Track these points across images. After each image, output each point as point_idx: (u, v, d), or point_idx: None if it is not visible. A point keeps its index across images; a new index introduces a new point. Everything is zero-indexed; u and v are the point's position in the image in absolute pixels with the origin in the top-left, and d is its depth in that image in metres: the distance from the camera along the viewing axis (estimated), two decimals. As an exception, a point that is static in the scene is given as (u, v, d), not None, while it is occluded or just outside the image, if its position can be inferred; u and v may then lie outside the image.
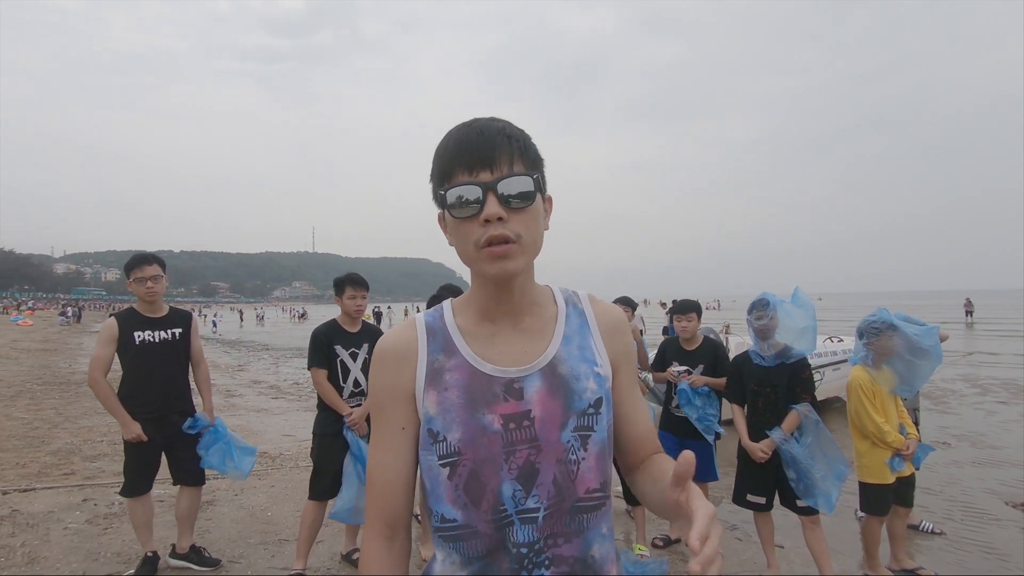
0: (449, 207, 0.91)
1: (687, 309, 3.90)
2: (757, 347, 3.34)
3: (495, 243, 0.88)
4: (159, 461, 3.35)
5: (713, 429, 3.76)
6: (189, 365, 3.49)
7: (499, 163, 0.89)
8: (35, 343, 21.96)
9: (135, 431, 3.16)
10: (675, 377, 3.85)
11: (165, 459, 3.38)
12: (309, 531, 3.34)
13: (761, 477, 3.28)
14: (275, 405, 9.56)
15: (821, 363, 8.01)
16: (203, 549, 3.52)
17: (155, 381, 3.29)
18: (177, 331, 3.40)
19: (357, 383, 3.42)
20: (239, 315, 55.27)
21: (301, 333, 29.66)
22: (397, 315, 46.00)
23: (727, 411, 3.64)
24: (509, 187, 0.89)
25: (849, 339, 8.99)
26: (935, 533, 4.12)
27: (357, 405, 3.39)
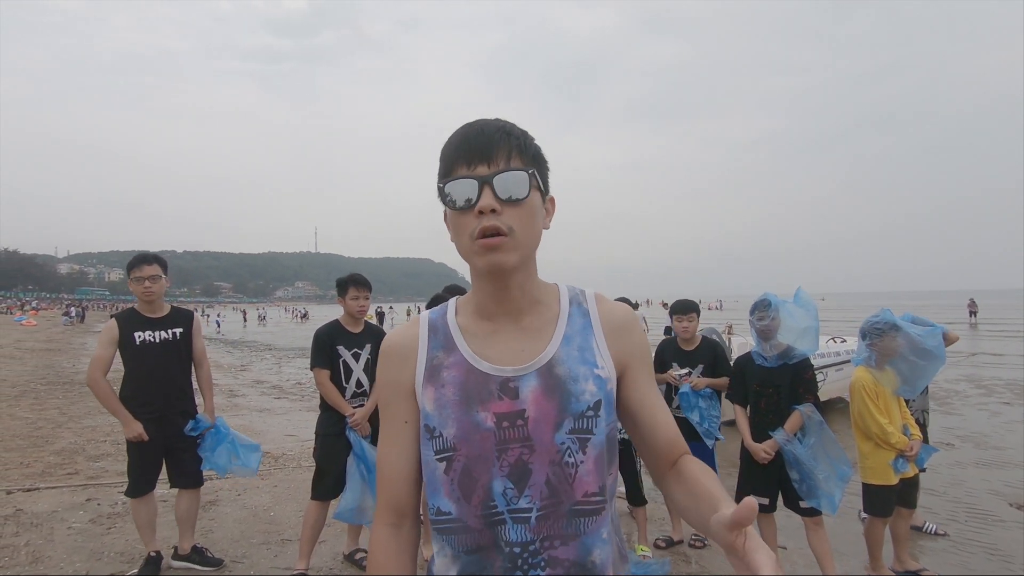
0: (447, 200, 0.93)
1: (687, 309, 3.87)
2: (759, 348, 3.33)
3: (488, 234, 0.90)
4: (161, 462, 3.35)
5: (715, 434, 3.74)
6: (191, 365, 3.50)
7: (496, 158, 0.91)
8: (39, 343, 22.05)
9: (136, 430, 3.17)
10: (676, 380, 3.83)
11: (166, 459, 3.38)
12: (312, 531, 3.35)
13: (764, 478, 3.27)
14: (278, 405, 9.58)
15: (824, 363, 7.99)
16: (205, 549, 3.53)
17: (156, 381, 3.30)
18: (178, 331, 3.39)
19: (359, 383, 3.43)
20: (242, 315, 55.41)
21: (303, 333, 29.70)
22: (399, 315, 46.05)
23: (728, 413, 3.63)
24: (504, 181, 0.91)
25: (852, 339, 8.96)
26: (939, 534, 4.10)
27: (359, 405, 3.40)
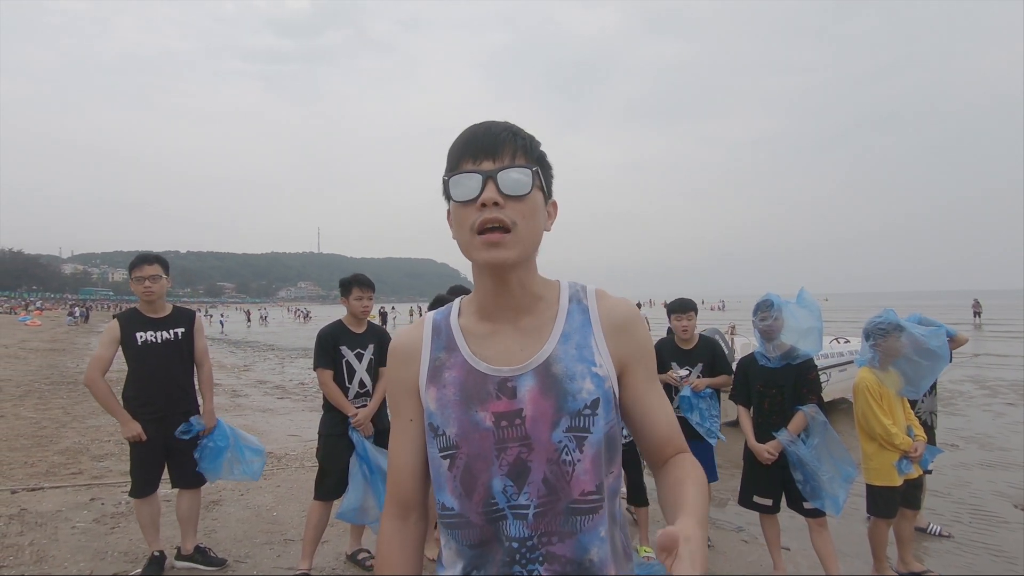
0: (451, 193, 0.95)
1: (686, 308, 3.83)
2: (762, 348, 3.33)
3: (489, 226, 0.92)
4: (164, 462, 3.35)
5: (716, 434, 3.73)
6: (193, 365, 3.49)
7: (502, 155, 0.94)
8: (43, 343, 22.13)
9: (135, 430, 3.17)
10: (677, 381, 3.81)
11: (167, 460, 3.38)
12: (314, 531, 3.35)
13: (767, 479, 3.26)
14: (280, 405, 9.59)
15: (827, 364, 7.96)
16: (208, 549, 3.54)
17: (158, 381, 3.29)
18: (180, 331, 3.39)
19: (362, 384, 3.43)
20: (246, 315, 55.51)
21: (306, 333, 29.77)
22: (402, 315, 46.10)
23: (731, 413, 3.62)
24: (508, 176, 0.93)
25: (855, 340, 8.94)
26: (943, 536, 4.09)
27: (362, 406, 3.40)
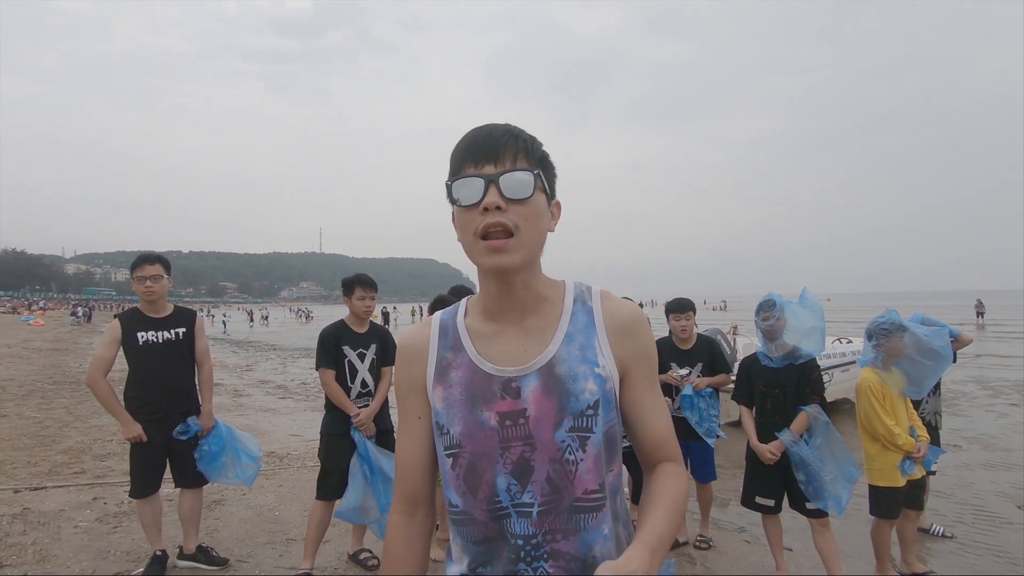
0: (454, 197, 0.96)
1: (684, 308, 3.83)
2: (765, 348, 3.32)
3: (492, 231, 0.93)
4: (165, 462, 3.36)
5: (715, 432, 3.73)
6: (195, 365, 3.49)
7: (503, 158, 0.95)
8: (46, 343, 22.18)
9: (135, 431, 3.17)
10: (678, 381, 3.81)
11: (169, 460, 3.38)
12: (316, 531, 3.35)
13: (770, 479, 3.26)
14: (282, 405, 9.61)
15: (829, 364, 7.95)
16: (211, 548, 3.54)
17: (159, 381, 3.29)
18: (181, 331, 3.39)
19: (365, 384, 3.43)
20: (248, 315, 55.57)
21: (308, 333, 29.80)
22: (403, 315, 46.13)
23: (733, 413, 3.61)
24: (510, 180, 0.93)
25: (857, 340, 8.92)
26: (946, 536, 4.08)
27: (364, 405, 3.40)
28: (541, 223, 0.97)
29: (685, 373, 3.81)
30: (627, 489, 3.82)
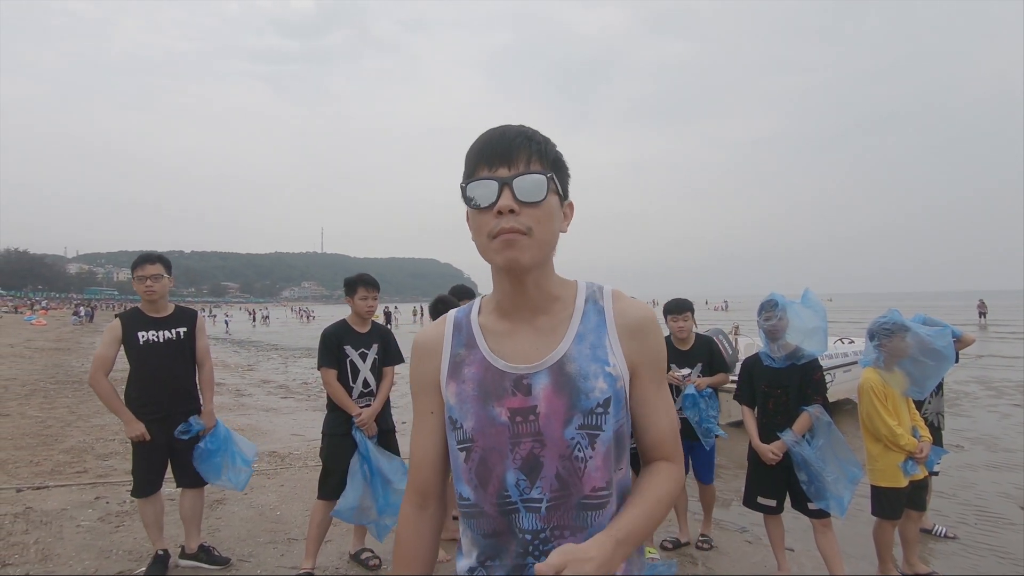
0: (469, 200, 0.98)
1: (682, 308, 3.83)
2: (767, 348, 3.32)
3: (506, 233, 0.94)
4: (167, 462, 3.36)
5: (714, 432, 3.74)
6: (195, 365, 3.48)
7: (517, 161, 0.96)
8: (48, 342, 22.22)
9: (138, 430, 3.18)
10: (680, 381, 3.81)
11: (170, 459, 3.39)
12: (318, 530, 3.35)
13: (772, 479, 3.25)
14: (284, 405, 9.61)
15: (831, 364, 7.94)
16: (212, 548, 3.54)
17: (160, 381, 3.30)
18: (182, 330, 3.39)
19: (366, 383, 3.43)
20: (249, 315, 55.63)
21: (310, 333, 29.82)
22: (404, 315, 46.13)
23: (734, 413, 3.61)
24: (523, 183, 0.95)
25: (859, 340, 8.91)
26: (948, 537, 4.07)
27: (366, 405, 3.40)
28: (554, 224, 0.99)
29: (686, 373, 3.81)
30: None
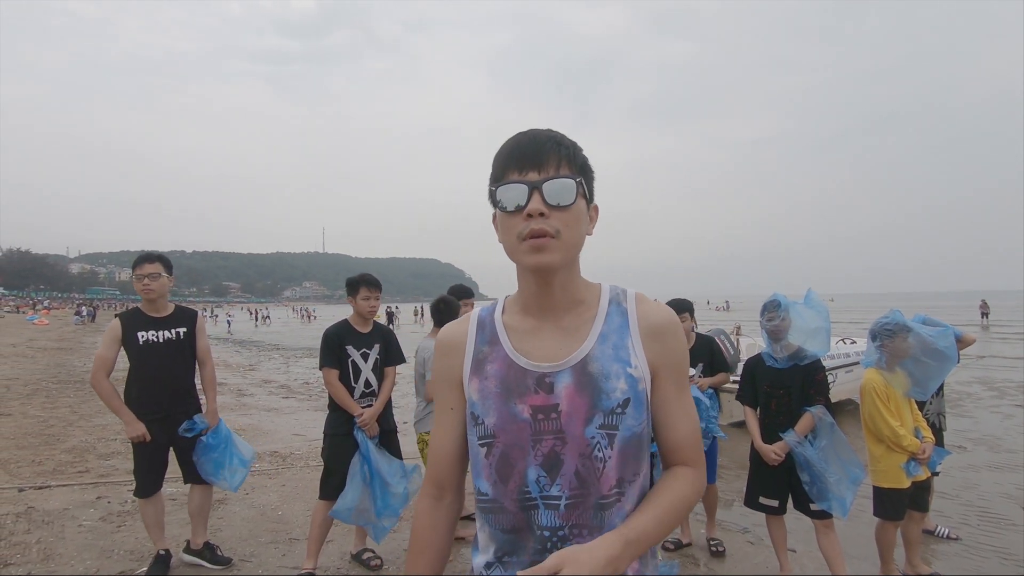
0: (498, 203, 1.00)
1: (681, 309, 3.82)
2: (770, 349, 3.31)
3: (535, 236, 0.96)
4: (167, 461, 3.37)
5: (713, 432, 3.73)
6: (195, 365, 3.49)
7: (547, 165, 0.98)
8: (51, 342, 22.26)
9: (139, 430, 3.18)
10: None
11: (176, 457, 3.41)
12: (320, 530, 3.35)
13: (774, 480, 3.25)
14: (285, 404, 9.62)
15: (833, 365, 7.93)
16: (217, 547, 3.55)
17: (160, 381, 3.30)
18: (182, 330, 3.39)
19: (368, 383, 3.43)
20: (250, 315, 55.63)
21: (311, 333, 29.83)
22: (405, 315, 46.12)
23: (736, 413, 3.60)
24: (553, 187, 0.97)
25: (861, 341, 8.89)
26: (951, 538, 4.06)
27: (368, 405, 3.40)
28: (581, 228, 1.02)
29: (692, 373, 3.81)
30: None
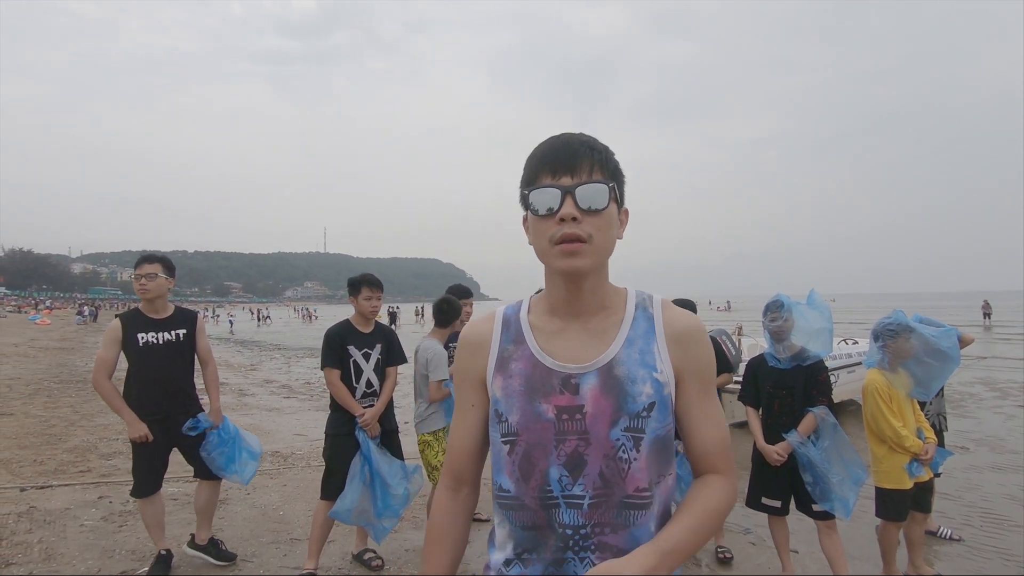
0: (531, 206, 1.01)
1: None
2: (772, 349, 3.31)
3: (567, 240, 0.97)
4: (167, 462, 3.37)
5: None
6: (196, 365, 3.49)
7: (580, 170, 0.99)
8: (53, 342, 22.30)
9: (141, 431, 3.18)
10: None
11: (182, 455, 3.41)
12: (321, 531, 3.35)
13: (776, 480, 3.24)
14: (287, 404, 9.62)
15: (835, 365, 7.91)
16: (221, 543, 3.56)
17: (159, 383, 3.30)
18: (181, 332, 3.39)
19: (370, 383, 3.43)
20: (251, 315, 55.67)
21: (313, 333, 29.85)
22: (406, 315, 46.11)
23: (738, 414, 3.59)
24: (586, 192, 0.98)
25: (863, 341, 8.87)
26: (953, 539, 4.05)
27: (370, 405, 3.40)
28: (612, 233, 1.02)
29: None
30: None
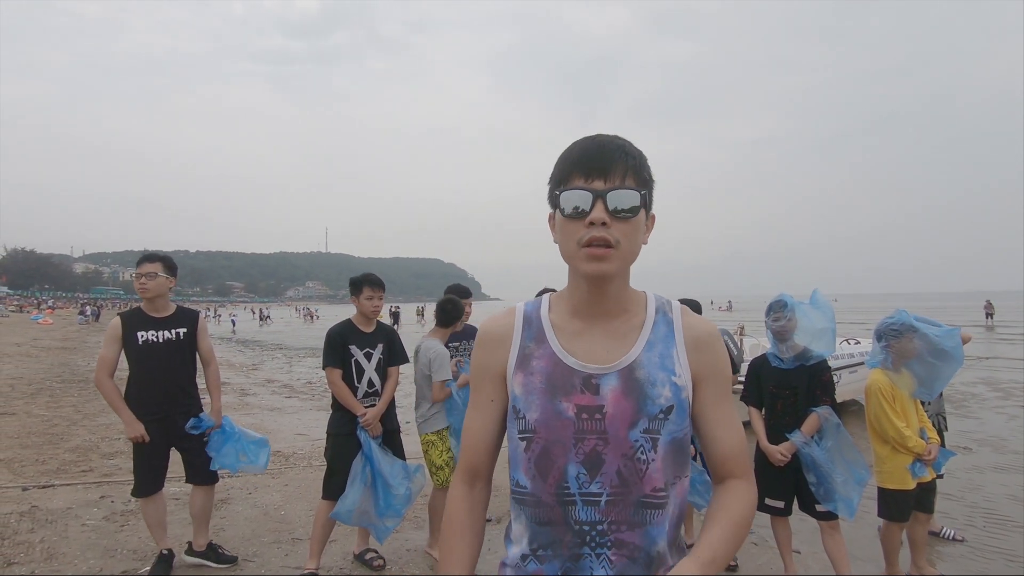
0: (561, 207, 1.01)
1: None
2: (775, 349, 3.30)
3: (595, 244, 0.98)
4: (167, 461, 3.37)
5: None
6: (196, 365, 3.48)
7: (613, 175, 0.99)
8: (55, 341, 22.34)
9: (138, 431, 3.18)
10: None
11: (180, 458, 3.41)
12: (323, 530, 3.35)
13: (779, 481, 3.23)
14: (288, 404, 9.63)
15: (837, 365, 7.89)
16: (220, 547, 3.55)
17: (159, 382, 3.30)
18: (182, 331, 3.38)
19: (371, 383, 3.43)
20: (253, 314, 55.73)
21: (314, 333, 29.87)
22: (407, 315, 46.12)
23: (741, 414, 3.58)
24: (617, 197, 0.99)
25: (866, 341, 8.85)
26: (956, 540, 4.04)
27: (371, 405, 3.40)
28: (639, 238, 1.03)
29: None
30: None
